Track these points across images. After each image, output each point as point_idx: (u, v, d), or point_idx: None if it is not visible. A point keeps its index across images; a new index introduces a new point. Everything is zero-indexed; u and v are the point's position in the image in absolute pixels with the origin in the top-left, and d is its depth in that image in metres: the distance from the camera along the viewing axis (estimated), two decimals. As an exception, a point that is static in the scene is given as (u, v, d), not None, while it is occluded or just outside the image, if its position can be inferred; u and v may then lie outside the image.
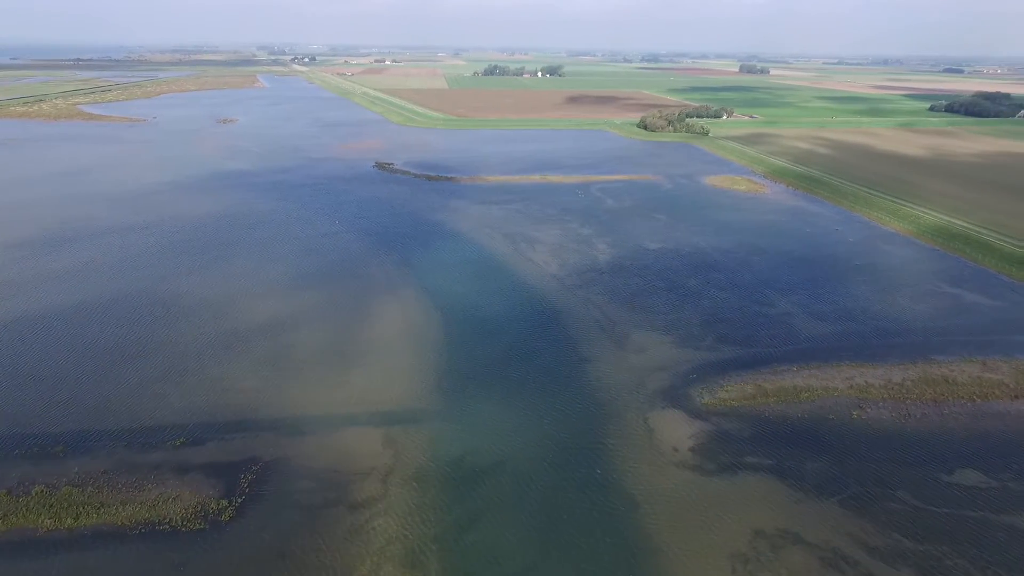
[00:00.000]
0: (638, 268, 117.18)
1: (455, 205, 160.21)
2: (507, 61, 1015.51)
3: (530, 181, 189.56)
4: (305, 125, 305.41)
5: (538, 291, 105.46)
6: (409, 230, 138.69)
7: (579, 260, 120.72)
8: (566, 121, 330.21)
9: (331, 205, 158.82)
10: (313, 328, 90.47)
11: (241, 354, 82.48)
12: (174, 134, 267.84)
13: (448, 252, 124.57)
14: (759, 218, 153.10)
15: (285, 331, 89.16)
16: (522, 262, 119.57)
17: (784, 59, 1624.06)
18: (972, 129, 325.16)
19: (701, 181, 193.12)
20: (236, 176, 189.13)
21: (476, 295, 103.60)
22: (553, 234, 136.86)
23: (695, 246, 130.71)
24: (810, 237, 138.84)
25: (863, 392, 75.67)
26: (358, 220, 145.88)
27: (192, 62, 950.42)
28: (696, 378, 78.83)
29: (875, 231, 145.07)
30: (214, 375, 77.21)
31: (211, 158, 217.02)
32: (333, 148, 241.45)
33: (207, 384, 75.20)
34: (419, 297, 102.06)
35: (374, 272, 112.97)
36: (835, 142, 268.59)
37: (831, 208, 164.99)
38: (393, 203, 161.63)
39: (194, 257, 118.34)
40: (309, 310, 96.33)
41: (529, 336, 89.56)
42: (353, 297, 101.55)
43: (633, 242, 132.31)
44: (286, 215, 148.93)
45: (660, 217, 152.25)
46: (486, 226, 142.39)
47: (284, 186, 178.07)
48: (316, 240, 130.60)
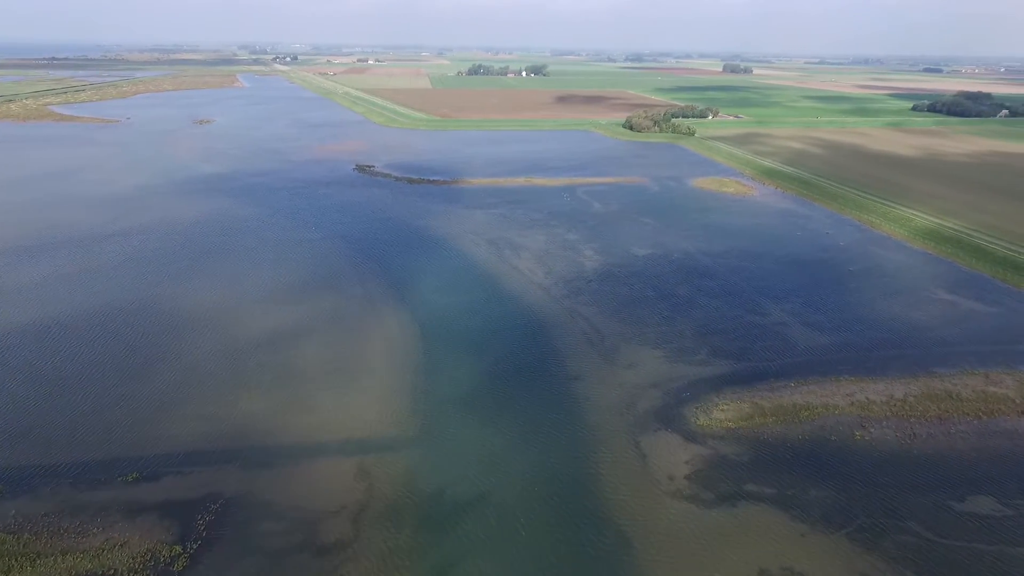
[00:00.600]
0: (627, 275, 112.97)
1: (437, 209, 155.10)
2: (491, 60, 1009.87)
3: (515, 184, 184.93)
4: (284, 126, 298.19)
5: (523, 302, 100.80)
6: (389, 237, 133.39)
7: (566, 268, 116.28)
8: (551, 121, 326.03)
9: (308, 210, 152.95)
10: (282, 347, 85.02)
11: (202, 377, 76.88)
12: (148, 135, 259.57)
13: (429, 260, 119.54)
14: (749, 221, 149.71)
15: (251, 351, 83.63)
16: (507, 270, 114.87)
17: (767, 59, 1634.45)
18: (959, 129, 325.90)
19: (688, 183, 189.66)
20: (211, 180, 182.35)
21: (458, 307, 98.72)
22: (539, 240, 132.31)
23: (685, 251, 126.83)
24: (801, 241, 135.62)
25: (865, 410, 71.93)
26: (336, 226, 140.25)
27: (171, 61, 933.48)
28: (690, 396, 74.65)
29: (866, 234, 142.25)
30: (171, 400, 71.59)
31: (185, 161, 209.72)
32: (312, 150, 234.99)
33: (164, 411, 69.59)
34: (397, 310, 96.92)
35: (350, 283, 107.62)
36: (823, 142, 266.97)
37: (820, 210, 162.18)
38: (373, 208, 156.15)
39: (158, 269, 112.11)
40: (278, 327, 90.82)
41: (514, 352, 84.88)
42: (326, 311, 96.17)
43: (621, 248, 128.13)
44: (260, 222, 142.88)
45: (648, 221, 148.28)
46: (469, 232, 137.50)
47: (260, 190, 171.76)
48: (290, 248, 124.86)
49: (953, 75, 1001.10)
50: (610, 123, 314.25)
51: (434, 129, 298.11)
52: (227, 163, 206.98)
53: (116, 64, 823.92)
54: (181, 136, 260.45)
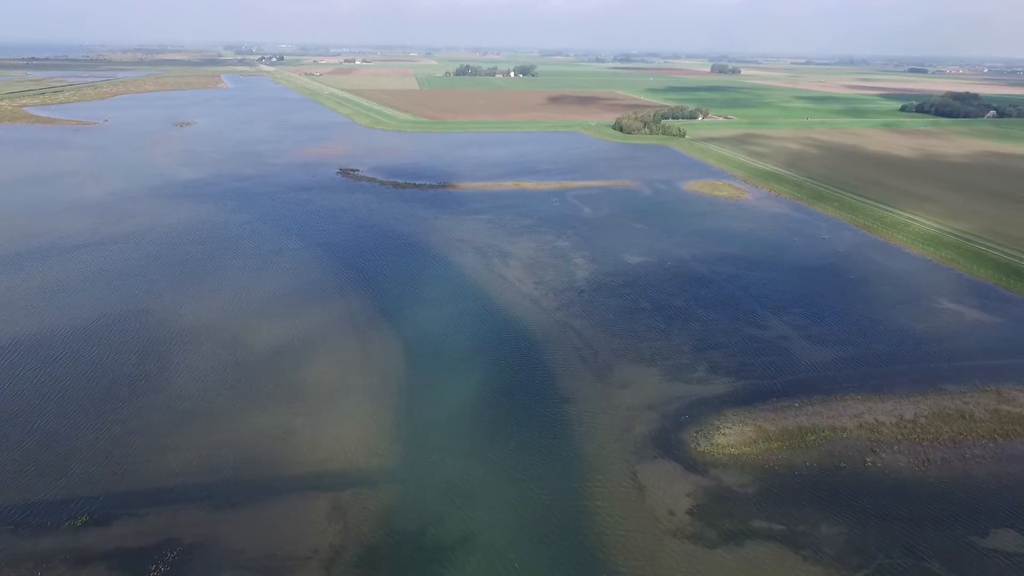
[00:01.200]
0: (620, 285, 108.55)
1: (423, 215, 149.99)
2: (479, 61, 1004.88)
3: (503, 188, 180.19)
4: (267, 128, 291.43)
5: (512, 315, 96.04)
6: (372, 245, 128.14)
7: (556, 277, 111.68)
8: (540, 123, 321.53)
9: (289, 217, 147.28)
10: (254, 369, 79.72)
11: (165, 403, 71.45)
12: (125, 138, 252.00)
13: (414, 270, 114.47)
14: (743, 227, 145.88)
15: (221, 374, 78.26)
16: (495, 281, 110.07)
17: (753, 59, 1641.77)
18: (952, 129, 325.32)
19: (680, 187, 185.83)
20: (189, 186, 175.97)
21: (444, 321, 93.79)
22: (528, 248, 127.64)
23: (679, 259, 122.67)
24: (798, 247, 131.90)
25: (874, 432, 67.88)
26: (317, 234, 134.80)
27: (154, 62, 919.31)
28: (689, 419, 70.26)
29: (863, 239, 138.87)
30: (129, 430, 66.15)
31: (163, 165, 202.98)
32: (295, 153, 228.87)
33: (119, 442, 64.15)
34: (379, 325, 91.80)
35: (330, 296, 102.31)
36: (816, 143, 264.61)
37: (816, 215, 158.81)
38: (357, 214, 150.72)
39: (124, 285, 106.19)
40: (251, 346, 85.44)
41: (503, 370, 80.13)
42: (303, 328, 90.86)
43: (613, 256, 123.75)
44: (239, 230, 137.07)
45: (640, 227, 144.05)
46: (456, 239, 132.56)
47: (240, 196, 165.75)
48: (269, 259, 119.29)
49: (938, 75, 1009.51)
50: (600, 124, 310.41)
51: (421, 131, 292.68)
52: (207, 167, 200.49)
53: (98, 64, 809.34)
54: (160, 139, 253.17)
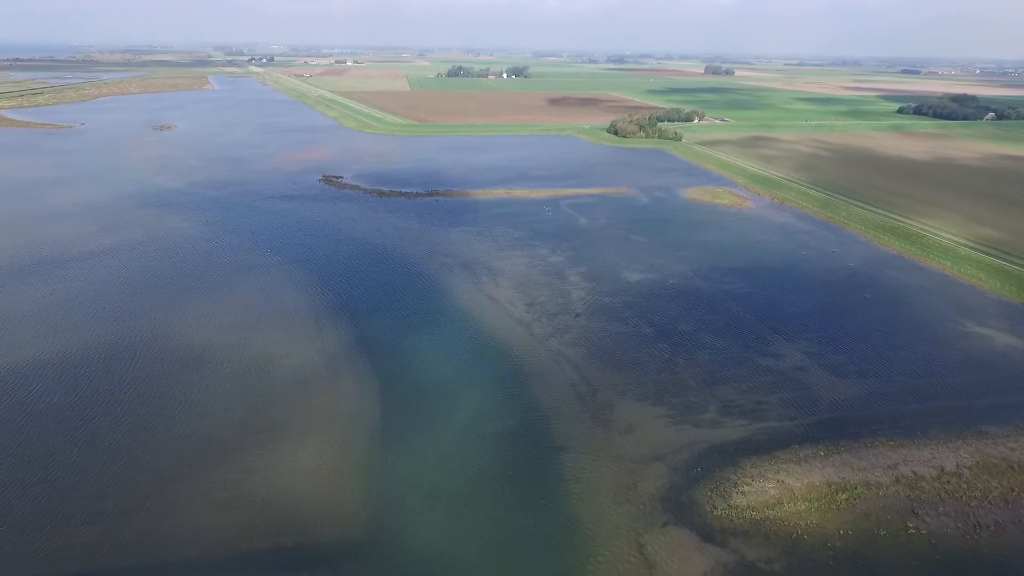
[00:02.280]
0: (619, 307, 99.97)
1: (408, 227, 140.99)
2: (472, 62, 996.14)
3: (494, 196, 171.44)
4: (250, 132, 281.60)
5: (502, 345, 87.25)
6: (351, 261, 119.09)
7: (550, 298, 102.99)
8: (533, 126, 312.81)
9: (266, 230, 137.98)
10: (208, 410, 70.59)
11: (101, 455, 62.26)
12: (100, 143, 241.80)
13: (395, 291, 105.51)
14: (748, 239, 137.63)
15: (167, 417, 69.07)
16: (483, 302, 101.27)
17: (746, 60, 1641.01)
18: (960, 132, 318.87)
19: (680, 195, 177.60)
20: (162, 194, 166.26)
21: (426, 353, 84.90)
22: (519, 263, 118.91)
23: (682, 276, 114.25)
24: (807, 262, 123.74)
25: (914, 488, 59.48)
26: (293, 248, 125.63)
27: (142, 63, 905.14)
28: (702, 472, 61.69)
29: (875, 253, 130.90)
30: (54, 490, 56.92)
31: (136, 172, 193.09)
32: (278, 159, 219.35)
33: (30, 506, 54.93)
34: (353, 357, 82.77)
35: (301, 321, 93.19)
36: (823, 146, 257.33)
37: (821, 224, 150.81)
38: (338, 225, 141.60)
39: (73, 311, 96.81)
40: (203, 382, 76.25)
41: (490, 413, 71.32)
42: (264, 361, 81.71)
43: (611, 272, 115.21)
44: (210, 244, 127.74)
45: (639, 239, 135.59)
46: (442, 253, 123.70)
47: (215, 206, 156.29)
48: (239, 277, 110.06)
49: (931, 76, 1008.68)
50: (594, 128, 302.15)
51: (410, 135, 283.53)
52: (183, 174, 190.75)
53: (84, 66, 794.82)
54: (136, 144, 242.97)
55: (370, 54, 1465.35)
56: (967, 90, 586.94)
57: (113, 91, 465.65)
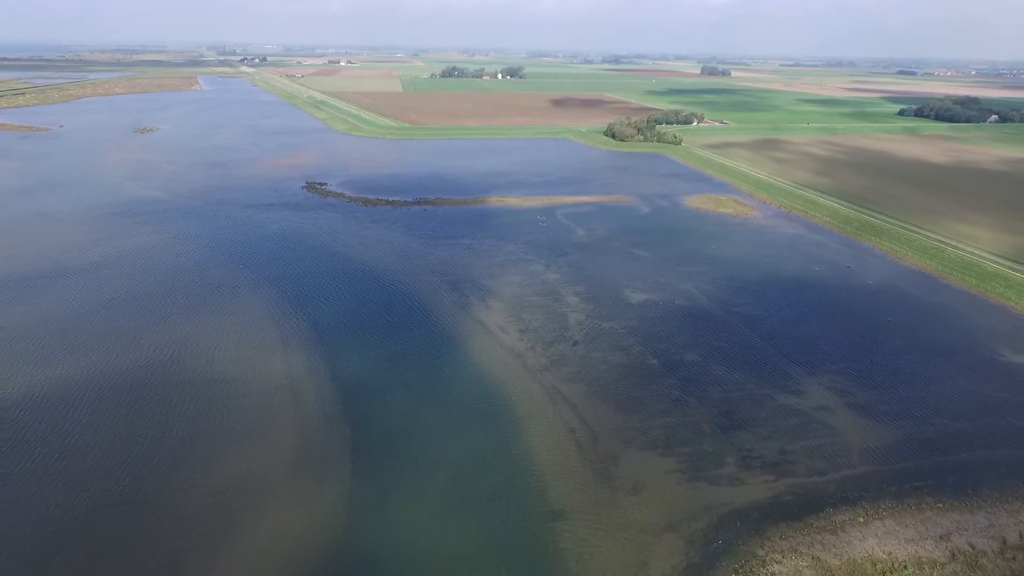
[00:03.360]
0: (621, 334, 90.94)
1: (393, 240, 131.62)
2: (466, 62, 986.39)
3: (485, 205, 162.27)
4: (235, 134, 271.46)
5: (491, 380, 78.09)
6: (330, 279, 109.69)
7: (545, 323, 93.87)
8: (528, 129, 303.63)
9: (241, 243, 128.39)
10: (155, 463, 61.17)
11: (21, 506, 52.82)
12: (76, 146, 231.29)
13: (375, 315, 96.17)
14: (756, 252, 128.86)
15: (100, 477, 59.63)
16: (472, 328, 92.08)
17: (742, 61, 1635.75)
18: (977, 135, 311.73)
19: (682, 203, 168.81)
20: (131, 204, 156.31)
21: (408, 389, 75.66)
22: (512, 282, 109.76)
23: (688, 296, 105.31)
24: (821, 280, 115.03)
25: (973, 566, 50.68)
26: (268, 264, 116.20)
27: (132, 62, 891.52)
28: (723, 547, 52.70)
29: (893, 268, 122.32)
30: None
31: (109, 178, 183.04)
32: (261, 164, 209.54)
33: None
34: (325, 397, 73.47)
35: (269, 352, 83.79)
36: (833, 149, 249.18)
37: (833, 236, 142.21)
38: (318, 238, 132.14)
39: (15, 339, 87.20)
40: (156, 429, 66.84)
41: (476, 468, 62.17)
42: (223, 400, 72.32)
43: (611, 292, 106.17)
44: (178, 260, 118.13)
45: (641, 253, 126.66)
46: (428, 270, 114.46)
47: (188, 216, 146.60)
48: (205, 297, 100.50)
49: (927, 78, 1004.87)
50: (590, 131, 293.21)
51: (400, 138, 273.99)
52: (158, 181, 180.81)
53: (72, 65, 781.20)
54: (114, 147, 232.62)
55: (364, 54, 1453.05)
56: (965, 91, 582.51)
57: (98, 92, 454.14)
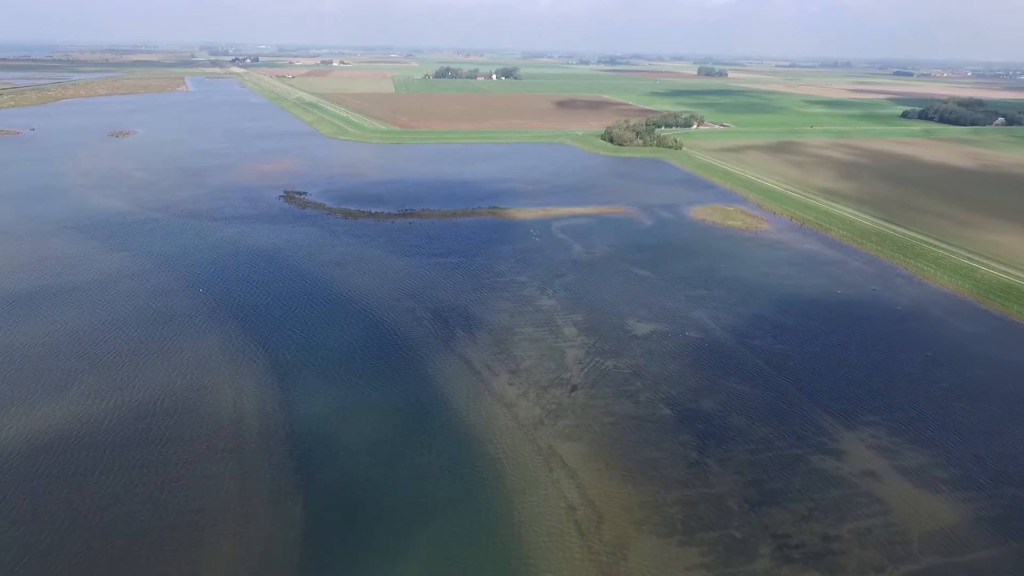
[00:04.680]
0: (625, 376, 79.43)
1: (373, 259, 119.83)
2: (461, 63, 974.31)
3: (475, 217, 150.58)
4: (216, 139, 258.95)
5: (476, 438, 66.43)
6: (298, 306, 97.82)
7: (539, 362, 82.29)
8: (522, 132, 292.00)
9: (203, 263, 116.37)
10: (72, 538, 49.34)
11: None
12: (44, 151, 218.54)
13: (347, 351, 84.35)
14: (771, 273, 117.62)
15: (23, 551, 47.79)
16: (456, 369, 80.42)
17: (738, 62, 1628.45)
18: (996, 139, 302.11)
19: (686, 214, 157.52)
20: (91, 216, 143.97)
21: (375, 453, 63.95)
22: (502, 310, 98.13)
23: (700, 326, 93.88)
24: (846, 306, 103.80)
25: None
26: (230, 288, 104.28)
27: (121, 63, 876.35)
28: None
29: (922, 291, 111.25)
30: None
31: (73, 186, 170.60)
32: (238, 171, 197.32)
33: None
34: (275, 463, 61.67)
35: (215, 399, 71.94)
36: (845, 153, 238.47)
37: (853, 252, 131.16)
38: (291, 256, 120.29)
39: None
40: (77, 495, 54.96)
41: (456, 564, 50.50)
42: (150, 472, 60.49)
43: (613, 322, 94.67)
44: (131, 283, 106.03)
45: (644, 274, 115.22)
46: (410, 295, 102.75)
47: (150, 231, 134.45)
48: (152, 332, 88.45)
49: (924, 79, 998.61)
50: (587, 134, 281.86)
51: (389, 142, 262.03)
52: (125, 190, 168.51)
53: (59, 65, 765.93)
54: (85, 152, 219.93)
55: (358, 55, 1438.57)
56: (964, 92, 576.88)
57: (80, 93, 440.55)
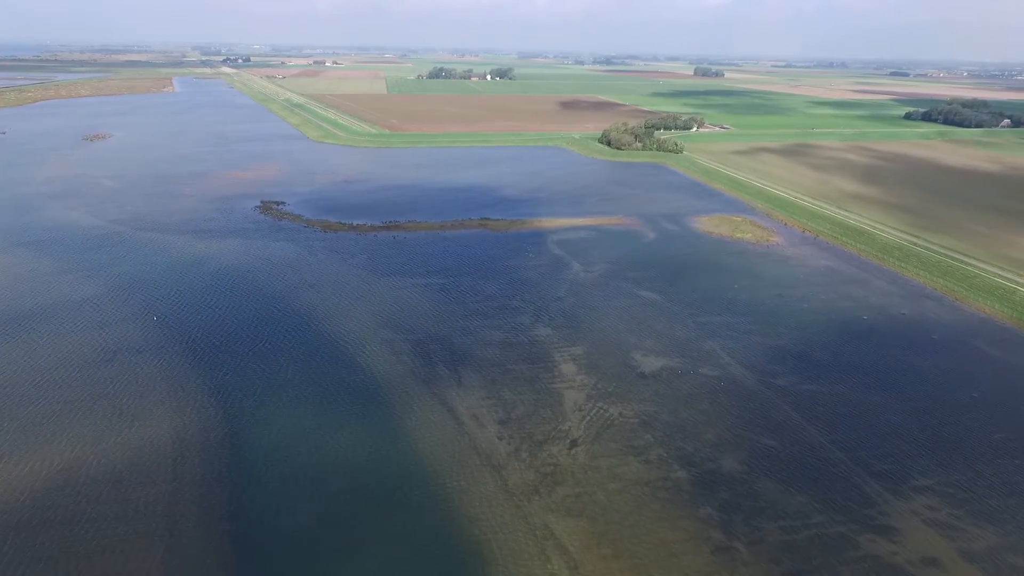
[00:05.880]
0: (634, 426, 68.60)
1: (350, 279, 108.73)
2: (455, 63, 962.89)
3: (465, 229, 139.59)
4: (195, 143, 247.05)
5: (459, 515, 55.40)
6: (262, 338, 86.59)
7: (533, 408, 71.36)
8: (517, 135, 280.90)
9: (161, 284, 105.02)
10: None
11: None
12: (10, 156, 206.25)
13: (314, 396, 73.21)
14: (788, 295, 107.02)
15: None
16: (436, 418, 69.41)
17: (732, 61, 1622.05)
18: (1010, 142, 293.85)
19: (691, 226, 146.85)
20: (45, 229, 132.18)
21: (340, 531, 52.90)
22: (491, 341, 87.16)
23: (715, 362, 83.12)
24: (875, 335, 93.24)
25: None
26: (188, 314, 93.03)
27: (109, 63, 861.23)
28: None
29: (956, 315, 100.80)
30: None
31: (32, 197, 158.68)
32: (215, 178, 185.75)
33: None
34: (217, 538, 50.55)
35: (153, 457, 60.77)
36: (854, 156, 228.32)
37: (873, 268, 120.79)
38: (260, 276, 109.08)
39: None
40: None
41: None
42: (68, 549, 49.34)
43: (617, 357, 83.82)
44: (74, 311, 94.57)
45: (650, 297, 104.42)
46: (390, 324, 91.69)
47: (111, 247, 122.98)
48: (91, 374, 77.03)
49: (921, 79, 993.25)
50: (584, 137, 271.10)
51: (377, 146, 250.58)
52: (90, 200, 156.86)
53: (46, 66, 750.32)
54: (54, 157, 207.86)
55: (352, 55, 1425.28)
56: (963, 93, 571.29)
57: (60, 94, 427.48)
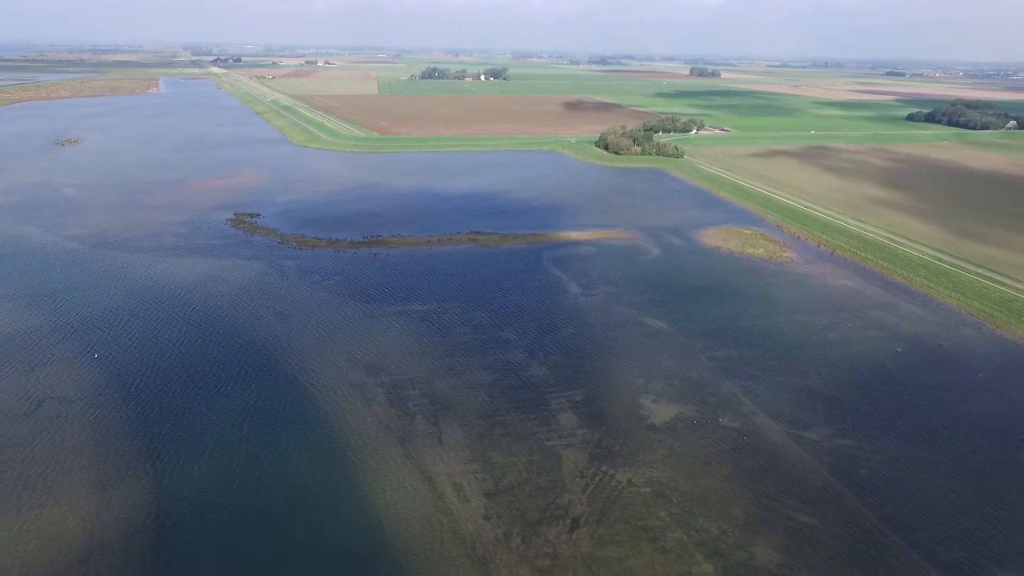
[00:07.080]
0: (645, 499, 57.58)
1: (323, 307, 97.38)
2: (448, 63, 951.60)
3: (453, 245, 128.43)
4: (171, 148, 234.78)
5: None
6: (215, 380, 75.25)
7: (526, 473, 60.32)
8: (511, 139, 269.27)
9: (109, 315, 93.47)
10: None
11: None
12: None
13: (270, 459, 61.96)
14: (809, 321, 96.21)
15: None
16: (411, 488, 58.23)
17: (728, 61, 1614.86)
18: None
19: (697, 239, 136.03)
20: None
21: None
22: (478, 384, 76.04)
23: (735, 408, 72.24)
24: (911, 371, 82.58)
25: None
26: (136, 351, 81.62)
27: (98, 63, 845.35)
28: None
29: (1000, 347, 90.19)
30: None
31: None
32: (188, 187, 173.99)
33: None
34: None
35: (62, 542, 49.49)
36: (865, 160, 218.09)
37: (899, 288, 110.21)
38: (223, 304, 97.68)
39: None
40: None
41: None
42: None
43: (623, 404, 72.81)
44: (4, 346, 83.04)
45: (657, 326, 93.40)
46: (362, 364, 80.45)
47: (62, 268, 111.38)
48: (5, 429, 65.67)
49: (917, 79, 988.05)
50: (580, 141, 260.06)
51: (365, 151, 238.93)
52: (46, 212, 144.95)
53: (31, 66, 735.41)
54: (17, 164, 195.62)
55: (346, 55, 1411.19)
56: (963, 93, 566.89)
57: (40, 95, 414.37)
